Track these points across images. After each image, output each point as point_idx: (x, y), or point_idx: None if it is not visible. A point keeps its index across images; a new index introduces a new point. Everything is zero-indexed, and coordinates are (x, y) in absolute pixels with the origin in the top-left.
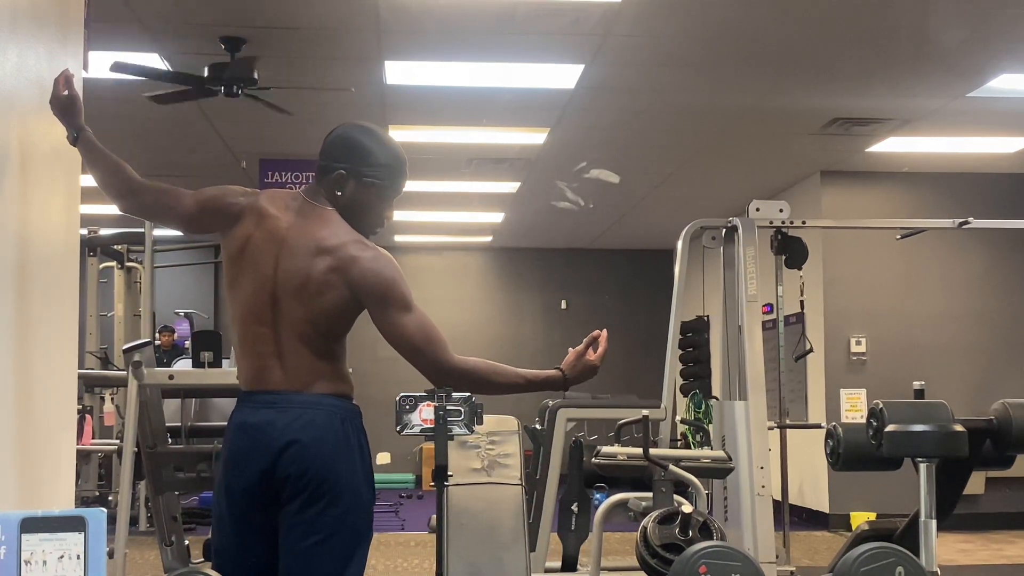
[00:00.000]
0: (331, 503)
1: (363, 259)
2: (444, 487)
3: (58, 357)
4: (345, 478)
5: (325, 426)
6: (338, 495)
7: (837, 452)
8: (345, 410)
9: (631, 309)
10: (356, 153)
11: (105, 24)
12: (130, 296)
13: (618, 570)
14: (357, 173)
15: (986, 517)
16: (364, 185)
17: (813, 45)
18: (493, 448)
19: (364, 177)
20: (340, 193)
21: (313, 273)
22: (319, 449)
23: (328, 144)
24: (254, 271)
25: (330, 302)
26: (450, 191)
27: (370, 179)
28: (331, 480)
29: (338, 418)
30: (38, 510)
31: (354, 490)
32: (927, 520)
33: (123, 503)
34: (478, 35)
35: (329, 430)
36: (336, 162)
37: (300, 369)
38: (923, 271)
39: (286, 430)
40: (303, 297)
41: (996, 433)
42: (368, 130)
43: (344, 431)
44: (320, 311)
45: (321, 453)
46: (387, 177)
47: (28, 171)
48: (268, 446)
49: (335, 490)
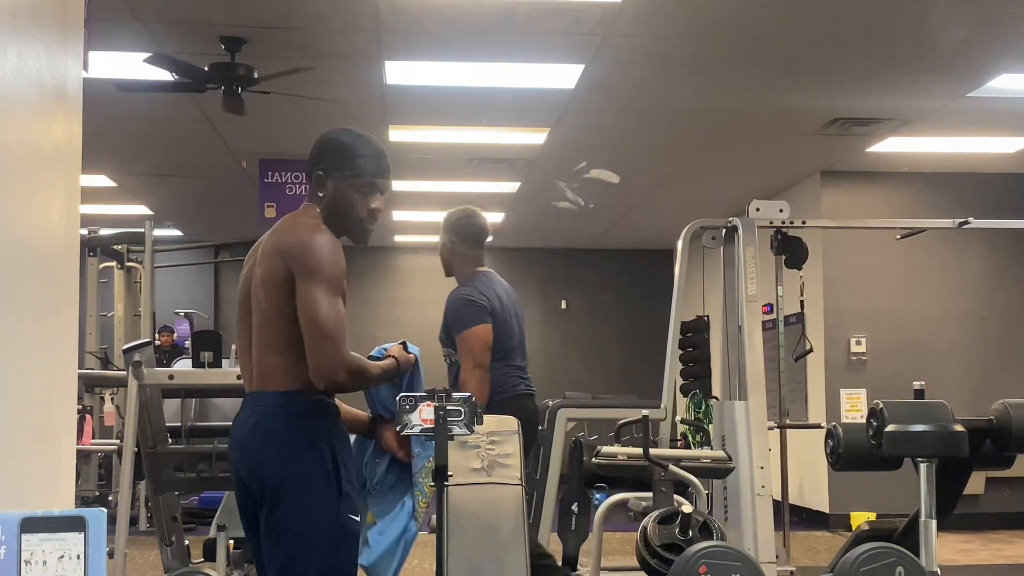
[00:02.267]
0: (273, 506)
1: (303, 233)
2: (444, 487)
3: (58, 357)
4: (289, 478)
5: (267, 426)
6: (278, 497)
7: (837, 452)
8: (293, 406)
9: (631, 309)
10: (331, 152)
11: (105, 24)
12: (130, 296)
13: (618, 570)
14: (333, 171)
15: (986, 517)
16: (340, 181)
17: (813, 45)
18: (493, 448)
19: (337, 172)
20: (322, 194)
21: (266, 267)
22: (261, 450)
23: (311, 150)
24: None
25: (270, 278)
26: (450, 191)
27: (345, 174)
28: (270, 482)
29: (282, 416)
30: (38, 510)
31: (303, 489)
32: (927, 520)
33: (123, 503)
34: (478, 35)
35: (271, 430)
36: (315, 165)
37: (259, 368)
38: (923, 271)
39: (239, 432)
40: (259, 293)
41: (996, 433)
42: (346, 131)
43: (290, 428)
44: (265, 295)
45: (263, 454)
46: (361, 169)
47: (28, 171)
48: (233, 449)
49: (276, 492)
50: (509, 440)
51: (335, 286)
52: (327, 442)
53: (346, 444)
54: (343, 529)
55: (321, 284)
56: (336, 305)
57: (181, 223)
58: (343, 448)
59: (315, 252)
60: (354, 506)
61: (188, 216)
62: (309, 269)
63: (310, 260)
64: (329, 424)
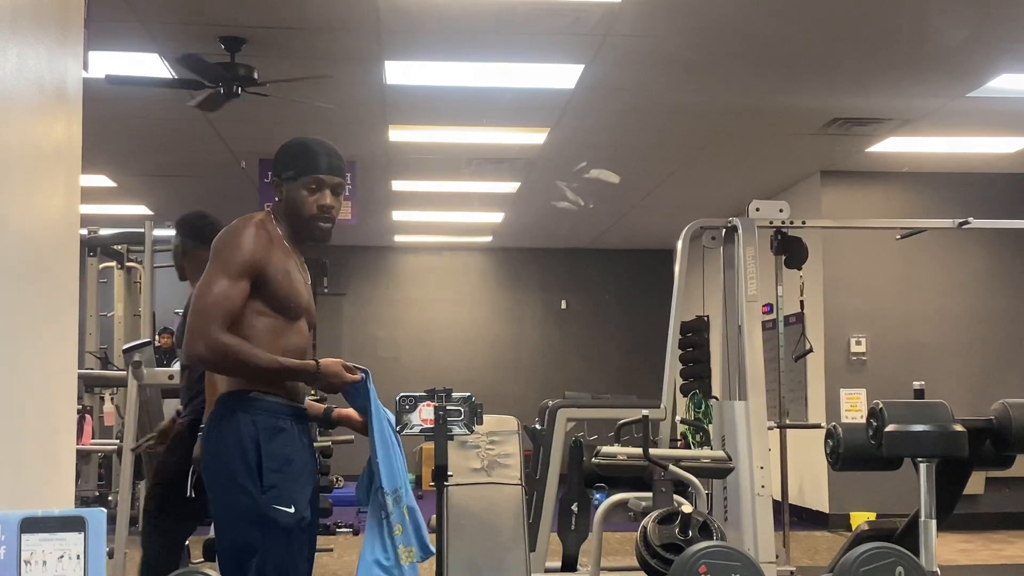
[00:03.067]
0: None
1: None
2: (444, 487)
3: (58, 357)
4: (211, 472)
5: (206, 426)
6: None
7: (837, 452)
8: (221, 407)
9: (631, 309)
10: (281, 157)
11: (105, 24)
12: (130, 296)
13: (618, 570)
14: (282, 173)
15: (986, 517)
16: (289, 182)
17: (813, 45)
18: (493, 448)
19: (285, 174)
20: (278, 199)
21: None
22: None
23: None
24: None
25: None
26: (450, 191)
27: (291, 174)
28: (205, 477)
29: (213, 417)
30: (38, 510)
31: (223, 480)
32: (927, 520)
33: (123, 503)
34: (478, 35)
35: (207, 429)
36: (272, 173)
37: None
38: (923, 271)
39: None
40: None
41: (996, 433)
42: (298, 138)
43: (214, 427)
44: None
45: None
46: (304, 167)
47: (28, 171)
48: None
49: (208, 486)
50: (509, 440)
51: (227, 267)
52: (251, 436)
53: (279, 437)
54: (265, 518)
55: (214, 265)
56: (219, 284)
57: None
58: (272, 441)
59: (220, 238)
60: (285, 497)
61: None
62: (212, 254)
63: (215, 246)
64: (256, 418)
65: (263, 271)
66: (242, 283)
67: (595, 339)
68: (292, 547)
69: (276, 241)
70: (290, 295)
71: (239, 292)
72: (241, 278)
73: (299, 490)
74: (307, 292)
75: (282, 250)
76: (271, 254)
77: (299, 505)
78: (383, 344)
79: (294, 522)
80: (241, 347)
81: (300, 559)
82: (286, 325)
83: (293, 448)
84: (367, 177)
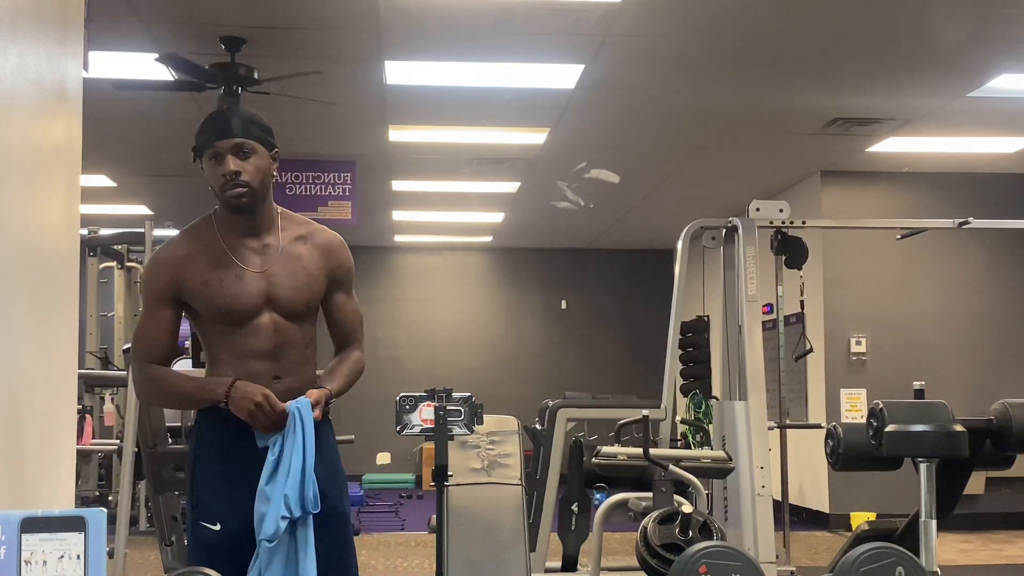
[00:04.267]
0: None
1: None
2: (444, 487)
3: (58, 357)
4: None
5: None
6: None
7: (837, 452)
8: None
9: (631, 309)
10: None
11: (105, 24)
12: (130, 296)
13: (618, 570)
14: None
15: (986, 517)
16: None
17: (813, 45)
18: (493, 448)
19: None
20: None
21: None
22: None
23: None
24: None
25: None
26: (450, 191)
27: (196, 161)
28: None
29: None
30: (38, 510)
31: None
32: (927, 520)
33: (123, 503)
34: (478, 35)
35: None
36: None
37: None
38: (923, 271)
39: None
40: None
41: (996, 433)
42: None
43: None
44: None
45: None
46: (197, 147)
47: (28, 171)
48: None
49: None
50: (509, 440)
51: (145, 301)
52: (193, 451)
53: (212, 450)
54: (193, 533)
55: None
56: (142, 318)
57: (181, 223)
58: (207, 454)
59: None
60: (208, 513)
61: (188, 216)
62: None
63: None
64: (199, 434)
65: (179, 290)
66: (160, 311)
67: (595, 339)
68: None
69: (195, 249)
70: (216, 304)
71: (157, 321)
72: (158, 307)
73: (230, 503)
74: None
75: (204, 255)
76: (184, 268)
77: (227, 521)
78: (383, 344)
79: (209, 539)
80: (161, 378)
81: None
82: (234, 330)
83: (229, 459)
84: (367, 177)
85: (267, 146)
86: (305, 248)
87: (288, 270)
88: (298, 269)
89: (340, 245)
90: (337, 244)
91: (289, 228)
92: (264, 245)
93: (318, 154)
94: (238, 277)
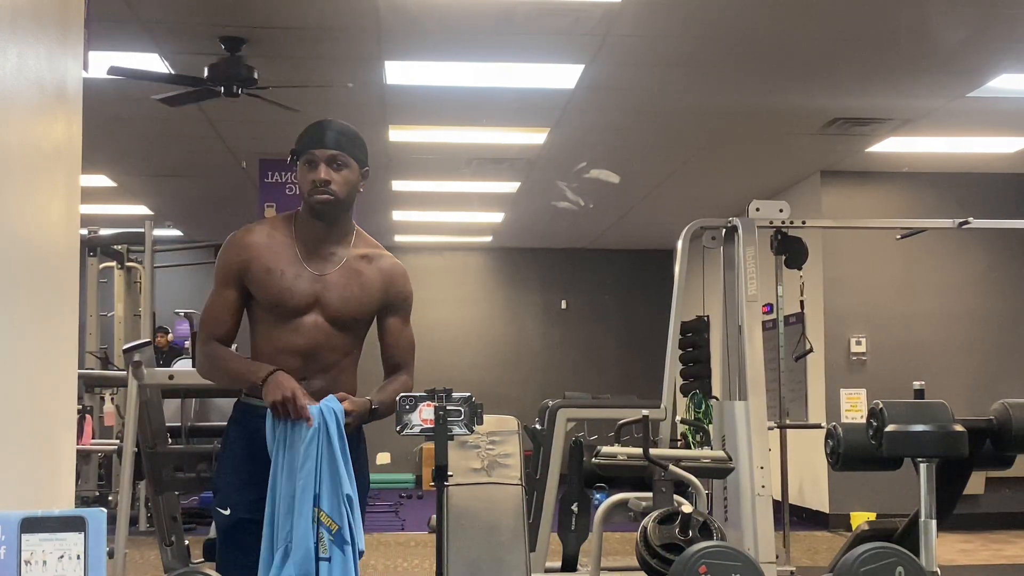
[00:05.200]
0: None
1: None
2: (444, 487)
3: (58, 357)
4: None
5: None
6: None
7: (837, 452)
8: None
9: (631, 309)
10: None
11: (105, 24)
12: (130, 296)
13: (618, 570)
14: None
15: (986, 517)
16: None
17: (813, 45)
18: (493, 448)
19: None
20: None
21: None
22: None
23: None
24: None
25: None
26: (450, 191)
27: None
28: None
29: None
30: (38, 510)
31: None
32: (927, 520)
33: (123, 503)
34: (478, 35)
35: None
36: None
37: None
38: (923, 271)
39: None
40: None
41: (996, 433)
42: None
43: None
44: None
45: None
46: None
47: (28, 171)
48: None
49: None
50: (509, 440)
51: (216, 279)
52: (221, 449)
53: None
54: (215, 519)
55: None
56: (210, 296)
57: (181, 223)
58: (230, 446)
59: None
60: (224, 499)
61: (188, 216)
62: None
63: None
64: (235, 423)
65: (245, 273)
66: (226, 292)
67: (595, 339)
68: (227, 545)
69: (271, 239)
70: (271, 293)
71: (222, 301)
72: (225, 287)
73: (241, 492)
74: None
75: (276, 247)
76: (254, 253)
77: (237, 507)
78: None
79: (228, 524)
80: (217, 356)
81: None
82: (279, 323)
83: (244, 449)
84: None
85: (360, 162)
86: (368, 267)
87: (344, 280)
88: (354, 282)
89: (402, 274)
90: (399, 273)
91: (360, 246)
92: (332, 253)
93: None
94: (297, 275)
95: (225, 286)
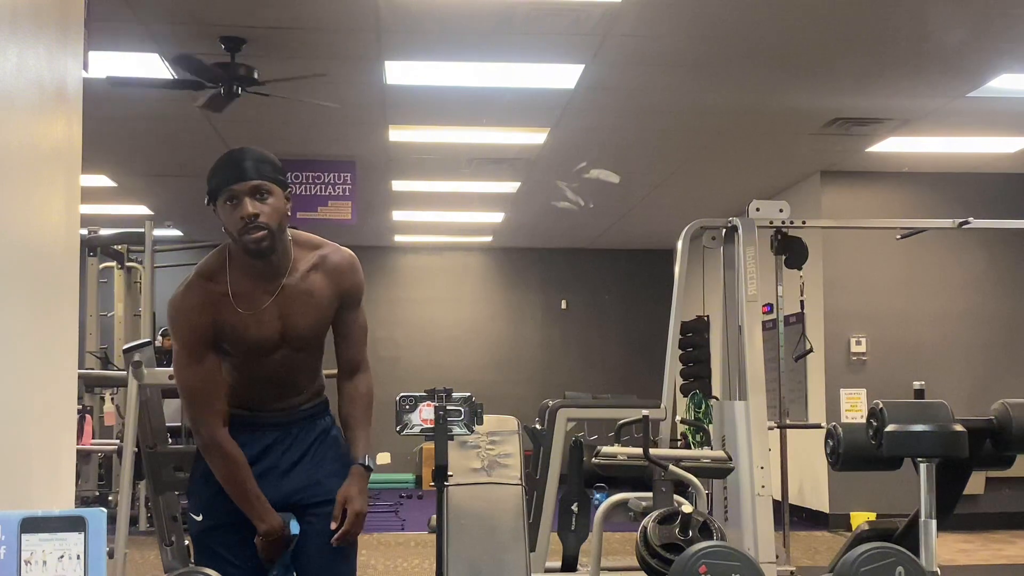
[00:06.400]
0: None
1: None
2: (444, 487)
3: (58, 357)
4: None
5: None
6: None
7: (837, 452)
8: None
9: (631, 309)
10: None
11: (105, 24)
12: (130, 296)
13: (618, 570)
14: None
15: (986, 517)
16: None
17: (813, 45)
18: (493, 448)
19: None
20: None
21: None
22: None
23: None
24: None
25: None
26: (450, 191)
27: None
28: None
29: None
30: (38, 510)
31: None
32: (927, 520)
33: (123, 503)
34: (478, 35)
35: None
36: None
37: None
38: (923, 271)
39: None
40: None
41: (996, 433)
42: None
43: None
44: None
45: None
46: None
47: (28, 171)
48: None
49: None
50: (509, 440)
51: (183, 351)
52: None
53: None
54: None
55: (176, 346)
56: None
57: (181, 223)
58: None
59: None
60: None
61: (188, 216)
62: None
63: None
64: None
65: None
66: (205, 357)
67: (595, 339)
68: (201, 551)
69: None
70: (240, 350)
71: (205, 371)
72: (200, 354)
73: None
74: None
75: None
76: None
77: (209, 513)
78: (383, 344)
79: (200, 530)
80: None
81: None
82: (248, 361)
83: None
84: (367, 177)
85: (281, 186)
86: (318, 277)
87: (301, 308)
88: (310, 305)
89: (350, 267)
90: (347, 266)
91: (302, 259)
92: (279, 286)
93: (318, 154)
94: (258, 322)
95: (200, 352)
